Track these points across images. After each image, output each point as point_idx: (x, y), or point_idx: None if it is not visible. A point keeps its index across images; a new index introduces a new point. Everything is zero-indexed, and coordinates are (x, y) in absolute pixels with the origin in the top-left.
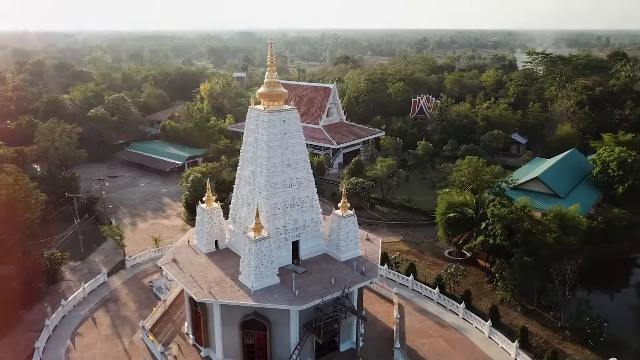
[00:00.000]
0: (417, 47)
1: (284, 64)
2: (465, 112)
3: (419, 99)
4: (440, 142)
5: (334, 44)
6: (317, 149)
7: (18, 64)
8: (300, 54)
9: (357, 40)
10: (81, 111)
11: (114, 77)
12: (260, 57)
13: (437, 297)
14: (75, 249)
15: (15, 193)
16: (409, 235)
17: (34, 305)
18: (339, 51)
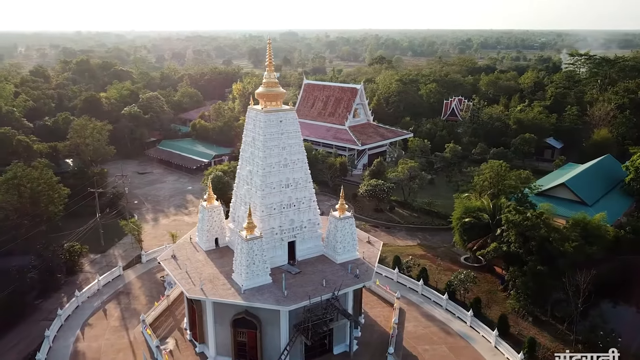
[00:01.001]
0: (460, 48)
1: (321, 64)
2: (498, 114)
3: (451, 101)
4: (470, 145)
5: (375, 44)
6: (342, 149)
7: (64, 63)
8: (340, 55)
9: (398, 41)
10: (116, 109)
11: (152, 76)
12: (299, 57)
13: (446, 303)
14: (96, 242)
15: (39, 187)
16: (427, 240)
17: (52, 295)
18: (378, 52)
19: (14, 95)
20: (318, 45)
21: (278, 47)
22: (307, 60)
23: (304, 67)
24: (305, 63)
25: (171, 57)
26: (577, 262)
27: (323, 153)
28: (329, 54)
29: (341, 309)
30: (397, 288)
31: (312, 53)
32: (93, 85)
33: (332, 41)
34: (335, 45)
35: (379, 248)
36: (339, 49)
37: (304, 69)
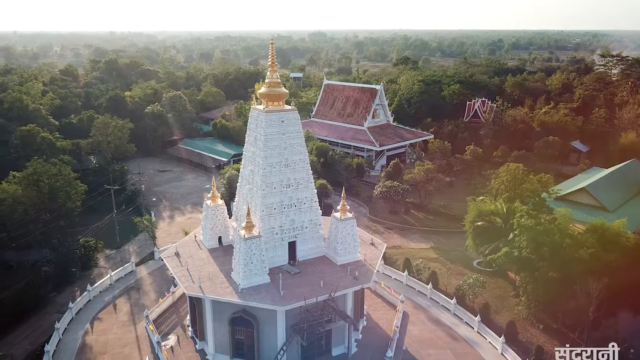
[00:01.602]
0: (490, 49)
1: (347, 64)
2: (522, 116)
3: (474, 102)
4: (491, 148)
5: (403, 45)
6: (360, 150)
7: (93, 62)
8: (368, 55)
9: (427, 42)
10: (140, 107)
11: (178, 75)
12: (325, 57)
13: (454, 307)
14: (112, 238)
15: (57, 183)
16: (441, 243)
17: (66, 289)
18: (406, 52)
19: (42, 93)
20: (346, 45)
21: (306, 48)
22: (333, 60)
23: (330, 68)
24: (332, 63)
25: (199, 57)
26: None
27: (340, 153)
28: (356, 54)
29: (338, 311)
30: (406, 291)
31: (339, 53)
32: (120, 84)
33: (360, 41)
34: (363, 46)
35: (382, 250)
36: (366, 49)
37: (329, 69)
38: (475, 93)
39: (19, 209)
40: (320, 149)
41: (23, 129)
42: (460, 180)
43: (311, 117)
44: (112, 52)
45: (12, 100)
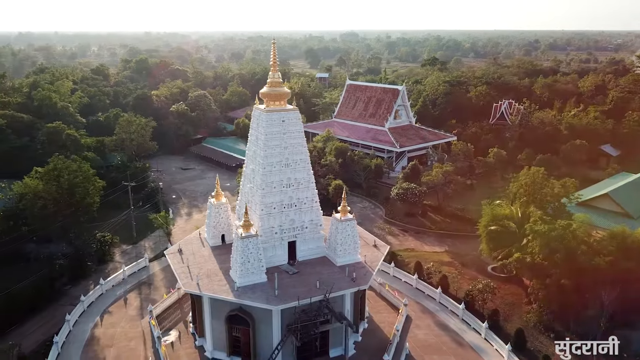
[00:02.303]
0: (526, 50)
1: (377, 65)
2: (550, 119)
3: (500, 104)
4: (516, 151)
5: (436, 45)
6: (381, 151)
7: (125, 62)
8: (399, 56)
9: (460, 42)
10: (165, 106)
11: (206, 75)
12: (355, 58)
13: (463, 313)
14: (129, 233)
15: (76, 179)
16: (456, 247)
17: (81, 282)
18: (437, 53)
19: (72, 91)
20: (378, 46)
21: (336, 48)
22: (363, 61)
23: (359, 68)
24: (361, 64)
25: (230, 57)
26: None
27: (360, 154)
28: (387, 54)
29: (334, 312)
30: (415, 294)
31: (369, 54)
32: (148, 83)
33: (392, 42)
34: (395, 46)
35: (384, 252)
36: (398, 49)
37: (357, 70)
38: (504, 94)
39: (39, 204)
40: (340, 150)
41: (49, 126)
42: (482, 184)
43: (333, 117)
44: (145, 52)
45: (41, 98)
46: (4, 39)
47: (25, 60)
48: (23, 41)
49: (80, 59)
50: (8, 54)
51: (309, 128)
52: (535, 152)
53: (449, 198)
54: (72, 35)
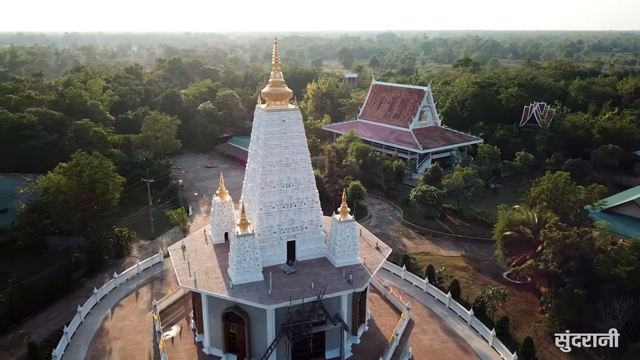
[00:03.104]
0: (568, 51)
1: (410, 65)
2: (582, 122)
3: (532, 106)
4: (545, 155)
5: (474, 46)
6: (404, 153)
7: (159, 61)
8: (435, 56)
9: (499, 43)
10: (193, 105)
11: (237, 74)
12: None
13: (471, 319)
14: (148, 229)
15: (97, 175)
16: (473, 252)
17: (97, 275)
18: (474, 54)
19: (103, 90)
20: (414, 46)
21: (371, 49)
22: (397, 61)
23: (393, 69)
24: (395, 64)
25: (264, 57)
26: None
27: (382, 155)
28: (423, 55)
29: (328, 313)
30: (425, 299)
31: (405, 54)
32: (180, 82)
33: (429, 42)
34: (432, 47)
35: (386, 255)
36: (434, 50)
37: (390, 70)
38: (537, 96)
39: (60, 198)
40: (361, 150)
41: (77, 123)
42: (506, 188)
43: (357, 117)
44: (182, 51)
45: (72, 96)
46: (51, 39)
47: (68, 59)
48: (69, 41)
49: (119, 58)
50: (52, 54)
51: (333, 128)
52: (565, 156)
53: (470, 202)
54: (115, 35)
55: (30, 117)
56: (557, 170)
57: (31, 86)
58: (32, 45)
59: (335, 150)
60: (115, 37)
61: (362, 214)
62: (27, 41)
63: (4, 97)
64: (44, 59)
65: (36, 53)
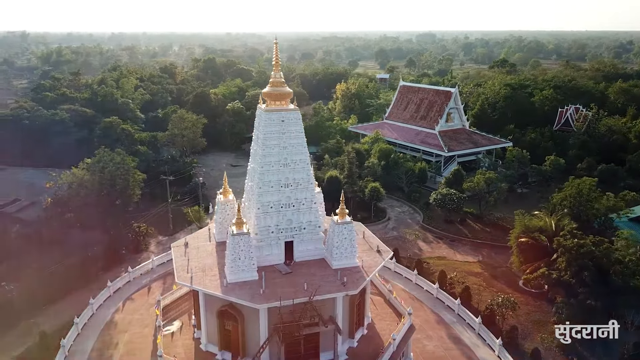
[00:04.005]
0: (616, 52)
1: (448, 66)
2: (619, 127)
3: (566, 109)
4: (576, 160)
5: (516, 46)
6: (429, 155)
7: (194, 61)
8: (474, 57)
9: (543, 44)
10: (222, 104)
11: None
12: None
13: (479, 327)
14: (167, 225)
15: (117, 171)
16: (490, 258)
17: (114, 269)
18: (516, 55)
19: (135, 88)
20: (454, 47)
21: (410, 49)
22: (434, 62)
23: (429, 69)
24: (432, 65)
25: (300, 57)
26: None
27: (406, 157)
28: (462, 56)
29: (320, 315)
30: (434, 304)
31: (443, 55)
32: (212, 82)
33: (470, 43)
34: (472, 47)
35: (385, 259)
36: (474, 51)
37: (426, 71)
38: (573, 99)
39: (82, 193)
40: (383, 152)
41: (105, 121)
42: (534, 193)
43: (384, 118)
44: (220, 51)
45: (104, 94)
46: (98, 39)
47: (111, 59)
48: (114, 41)
49: (160, 57)
50: (96, 54)
51: (359, 129)
52: (598, 162)
53: (493, 206)
54: (158, 36)
55: (63, 114)
56: (588, 176)
57: (68, 84)
58: (78, 45)
59: (356, 151)
60: (159, 38)
61: (381, 216)
62: (75, 41)
63: (41, 95)
64: (88, 58)
65: (81, 53)
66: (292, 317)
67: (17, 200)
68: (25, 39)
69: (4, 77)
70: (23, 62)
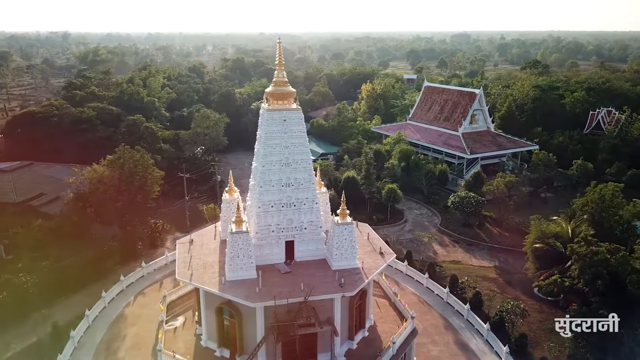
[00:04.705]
0: None
1: (480, 67)
2: None
3: (598, 112)
4: (606, 164)
5: (554, 47)
6: (451, 157)
7: (223, 61)
8: (510, 58)
9: (583, 45)
10: (247, 104)
11: (296, 75)
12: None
13: (487, 334)
14: (184, 222)
15: (135, 168)
16: (507, 263)
17: (130, 263)
18: (553, 56)
19: (162, 87)
20: (489, 47)
21: (443, 50)
22: (467, 63)
23: (461, 70)
24: (464, 66)
25: (331, 58)
26: None
27: (428, 158)
28: (497, 57)
29: (316, 316)
30: (444, 308)
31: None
32: (239, 81)
33: (506, 43)
34: (508, 48)
35: (386, 261)
36: (509, 51)
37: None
38: (607, 102)
39: (101, 188)
40: (404, 153)
41: (130, 119)
42: (559, 198)
43: (407, 119)
44: (251, 51)
45: (131, 93)
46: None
47: (146, 58)
48: (150, 41)
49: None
50: (132, 53)
51: (382, 130)
52: (629, 167)
53: (514, 211)
54: (194, 36)
55: (90, 111)
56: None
57: (98, 83)
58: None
59: (376, 152)
60: (194, 38)
61: (398, 218)
62: (114, 41)
63: (71, 93)
64: (123, 58)
65: (117, 52)
66: (288, 317)
67: (42, 194)
68: (66, 39)
69: (42, 76)
70: (62, 62)
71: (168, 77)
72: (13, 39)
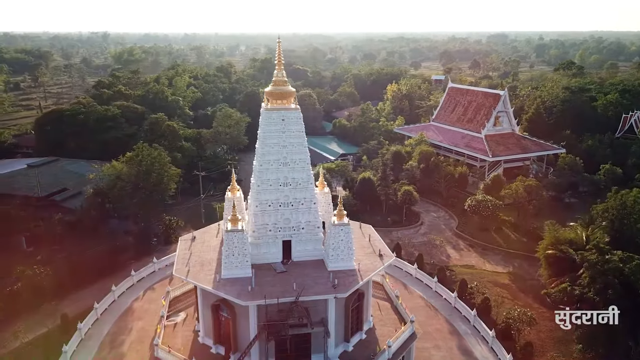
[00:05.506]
0: None
1: (515, 68)
2: None
3: (631, 115)
4: (636, 169)
5: (594, 48)
6: (473, 159)
7: (252, 61)
8: (547, 59)
9: (625, 45)
10: None
11: (324, 75)
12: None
13: (492, 341)
14: (200, 219)
15: (153, 165)
16: (522, 269)
17: (143, 258)
18: (592, 57)
19: (188, 86)
20: (526, 48)
21: (478, 50)
22: (501, 63)
23: (494, 71)
24: (498, 67)
25: (362, 58)
26: None
27: (449, 160)
28: (534, 57)
29: (308, 316)
30: (451, 313)
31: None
32: (265, 81)
33: (544, 44)
34: (545, 49)
35: (384, 264)
36: (547, 52)
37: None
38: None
39: (118, 185)
40: (424, 154)
41: (152, 117)
42: (583, 203)
43: (431, 120)
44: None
45: (156, 92)
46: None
47: (179, 58)
48: (186, 42)
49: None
50: (166, 53)
51: (404, 130)
52: None
53: (534, 216)
54: (229, 36)
55: (114, 110)
56: None
57: (127, 82)
58: (150, 45)
59: (396, 153)
60: (228, 38)
61: (414, 220)
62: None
63: (99, 92)
64: (157, 57)
65: (152, 52)
66: (279, 316)
67: (65, 189)
68: (105, 39)
69: (79, 75)
70: (100, 61)
71: (194, 77)
72: (56, 39)
